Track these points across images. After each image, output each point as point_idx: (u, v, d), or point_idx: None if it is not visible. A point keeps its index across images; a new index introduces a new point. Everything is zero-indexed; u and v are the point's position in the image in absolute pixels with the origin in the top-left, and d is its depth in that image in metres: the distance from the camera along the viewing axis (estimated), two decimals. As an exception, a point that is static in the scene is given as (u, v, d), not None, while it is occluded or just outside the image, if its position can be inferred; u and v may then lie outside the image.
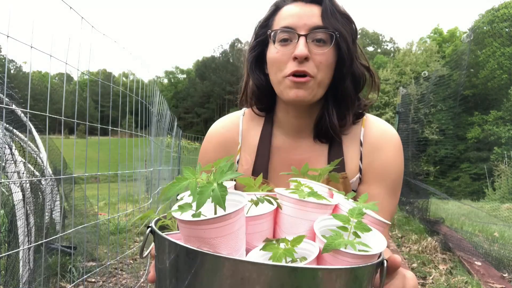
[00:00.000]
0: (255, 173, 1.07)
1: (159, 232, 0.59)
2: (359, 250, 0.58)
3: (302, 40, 0.93)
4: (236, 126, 1.14)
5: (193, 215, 0.54)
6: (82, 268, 3.01)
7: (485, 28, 5.02)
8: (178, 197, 0.68)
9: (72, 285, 2.15)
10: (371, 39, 63.54)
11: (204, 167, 0.70)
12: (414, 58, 35.93)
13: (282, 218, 0.70)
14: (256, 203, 0.67)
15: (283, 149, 1.09)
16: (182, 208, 0.57)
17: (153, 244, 0.65)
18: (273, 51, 0.98)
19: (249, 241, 0.64)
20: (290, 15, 0.96)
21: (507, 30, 4.30)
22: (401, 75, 34.97)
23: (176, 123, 7.06)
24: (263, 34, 1.02)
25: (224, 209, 0.53)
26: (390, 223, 0.74)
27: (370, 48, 62.76)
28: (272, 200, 0.69)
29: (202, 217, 0.54)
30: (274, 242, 0.61)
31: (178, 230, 0.66)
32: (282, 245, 0.59)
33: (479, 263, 3.66)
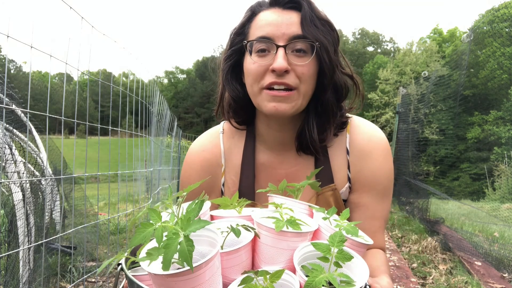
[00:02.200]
0: (241, 194, 1.02)
1: (129, 274, 0.59)
2: (342, 282, 0.57)
3: (280, 51, 0.85)
4: (217, 147, 1.08)
5: (163, 265, 0.51)
6: (82, 268, 3.01)
7: (485, 28, 5.02)
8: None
9: (72, 285, 2.15)
10: (371, 39, 63.53)
11: (178, 193, 0.68)
12: (414, 58, 35.91)
13: (260, 247, 0.67)
14: (232, 230, 0.64)
15: (268, 165, 1.04)
16: (150, 255, 0.53)
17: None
18: (250, 62, 0.90)
19: (227, 274, 0.62)
20: (267, 23, 0.88)
21: (507, 30, 4.30)
22: (401, 75, 34.98)
23: (176, 123, 7.05)
24: (239, 42, 0.94)
25: (191, 268, 0.49)
26: (372, 242, 0.71)
27: (370, 48, 62.75)
28: (249, 228, 0.67)
29: (171, 271, 0.51)
30: (252, 275, 0.59)
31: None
32: (260, 280, 0.58)
33: (479, 263, 3.66)
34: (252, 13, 0.94)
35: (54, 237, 2.58)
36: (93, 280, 3.03)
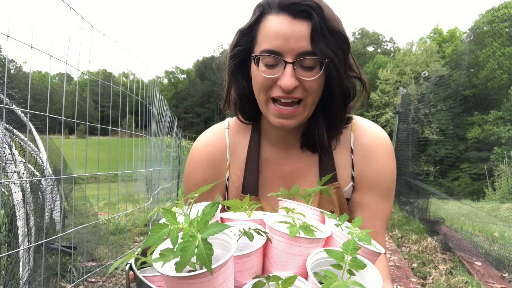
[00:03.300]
0: (245, 189, 1.03)
1: (139, 275, 0.58)
2: None
3: (289, 68, 0.84)
4: (223, 142, 1.08)
5: (177, 267, 0.49)
6: (82, 268, 3.01)
7: (485, 28, 5.02)
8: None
9: (72, 285, 2.15)
10: (371, 39, 63.52)
11: (189, 194, 0.67)
12: (414, 58, 35.92)
13: (272, 252, 0.67)
14: (245, 234, 0.63)
15: (272, 160, 1.05)
16: (164, 256, 0.53)
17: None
18: (258, 71, 0.89)
19: (238, 279, 0.62)
20: (276, 35, 0.84)
21: (507, 30, 4.30)
22: (401, 75, 34.99)
23: (176, 123, 7.05)
24: (246, 44, 0.93)
25: (211, 272, 0.48)
26: (384, 251, 0.71)
27: (370, 48, 62.75)
28: (261, 232, 0.66)
29: (185, 273, 0.50)
30: (263, 280, 0.58)
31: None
32: (272, 285, 0.57)
33: (479, 263, 3.66)
34: (261, 14, 0.90)
35: (54, 237, 2.58)
36: (93, 280, 3.03)
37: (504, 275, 3.38)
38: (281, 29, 0.84)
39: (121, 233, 4.48)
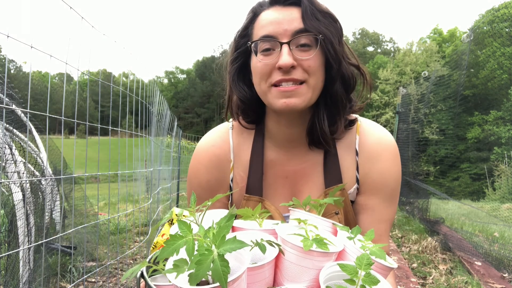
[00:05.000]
0: (249, 190, 1.03)
1: (151, 283, 0.58)
2: None
3: (285, 48, 0.86)
4: (227, 142, 1.08)
5: (191, 280, 0.49)
6: (82, 268, 3.01)
7: (485, 28, 5.02)
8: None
9: (72, 285, 2.15)
10: (371, 39, 63.51)
11: (204, 203, 0.67)
12: (414, 58, 35.95)
13: (284, 264, 0.66)
14: (257, 245, 0.63)
15: (277, 161, 1.05)
16: (177, 267, 0.53)
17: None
18: (256, 61, 0.91)
19: None
20: (269, 22, 0.88)
21: (507, 30, 4.30)
22: (401, 75, 35.01)
23: (176, 123, 7.04)
24: (244, 45, 0.95)
25: None
26: (397, 266, 0.71)
27: (370, 48, 62.73)
28: (274, 244, 0.66)
29: (198, 286, 0.50)
30: None
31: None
32: None
33: (479, 263, 3.66)
34: (254, 14, 0.94)
35: (54, 237, 2.58)
36: (93, 280, 3.03)
37: (504, 275, 3.38)
38: (273, 16, 0.89)
39: (121, 233, 4.49)
